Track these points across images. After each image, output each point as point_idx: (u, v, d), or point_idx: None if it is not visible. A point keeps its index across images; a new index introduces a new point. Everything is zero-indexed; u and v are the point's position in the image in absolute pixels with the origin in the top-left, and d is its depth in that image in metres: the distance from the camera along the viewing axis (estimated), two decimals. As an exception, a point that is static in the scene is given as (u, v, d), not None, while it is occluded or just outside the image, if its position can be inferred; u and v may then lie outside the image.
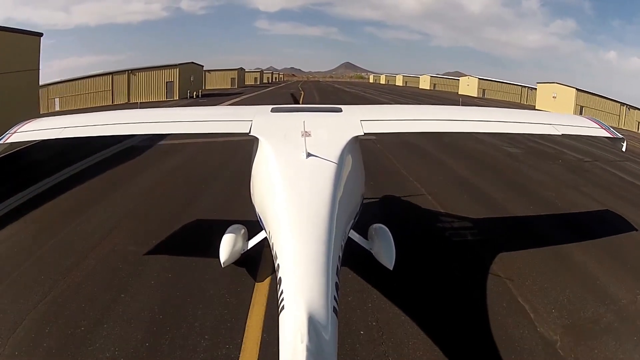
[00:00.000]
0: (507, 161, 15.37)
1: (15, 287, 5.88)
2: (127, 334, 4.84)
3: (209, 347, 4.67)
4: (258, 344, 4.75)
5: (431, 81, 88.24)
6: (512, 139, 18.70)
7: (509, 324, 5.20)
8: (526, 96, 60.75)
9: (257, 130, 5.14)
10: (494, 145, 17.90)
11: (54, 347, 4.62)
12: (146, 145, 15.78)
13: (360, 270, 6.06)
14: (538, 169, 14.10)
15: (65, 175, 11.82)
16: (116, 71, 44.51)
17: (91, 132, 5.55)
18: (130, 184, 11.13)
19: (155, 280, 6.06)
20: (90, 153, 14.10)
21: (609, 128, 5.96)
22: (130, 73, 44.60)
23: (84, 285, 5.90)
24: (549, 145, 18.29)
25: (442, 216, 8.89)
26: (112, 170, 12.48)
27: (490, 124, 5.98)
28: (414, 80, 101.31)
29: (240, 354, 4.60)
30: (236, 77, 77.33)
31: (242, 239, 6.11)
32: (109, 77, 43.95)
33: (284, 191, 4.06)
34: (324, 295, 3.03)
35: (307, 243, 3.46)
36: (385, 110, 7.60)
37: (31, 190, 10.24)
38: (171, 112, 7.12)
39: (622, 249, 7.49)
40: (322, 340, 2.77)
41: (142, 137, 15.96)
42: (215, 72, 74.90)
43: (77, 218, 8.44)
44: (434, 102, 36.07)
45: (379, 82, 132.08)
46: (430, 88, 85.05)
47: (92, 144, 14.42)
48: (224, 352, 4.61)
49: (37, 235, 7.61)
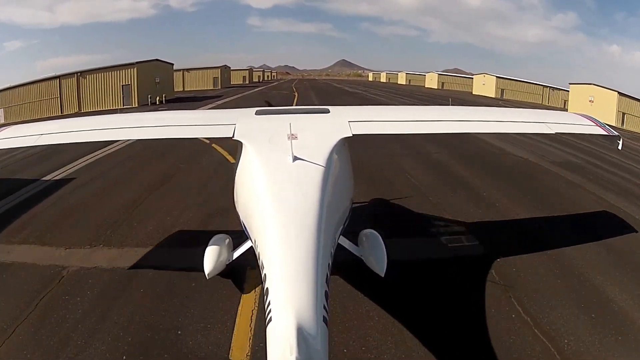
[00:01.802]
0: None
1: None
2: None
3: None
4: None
5: (439, 80, 79.60)
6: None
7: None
8: (547, 97, 53.75)
9: (241, 133, 5.02)
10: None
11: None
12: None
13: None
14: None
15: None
16: (64, 74, 35.90)
17: (69, 138, 5.39)
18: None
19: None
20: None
21: (605, 125, 5.90)
22: (80, 76, 35.92)
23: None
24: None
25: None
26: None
27: (481, 124, 5.95)
28: (419, 79, 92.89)
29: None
30: (219, 77, 68.28)
31: (227, 249, 5.89)
32: (56, 81, 35.43)
33: (269, 197, 3.92)
34: (313, 304, 2.93)
35: (294, 251, 3.34)
36: (373, 111, 7.44)
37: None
38: (152, 116, 7.34)
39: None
40: (313, 351, 2.68)
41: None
42: (194, 72, 66.00)
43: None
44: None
45: (379, 80, 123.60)
46: (438, 87, 76.69)
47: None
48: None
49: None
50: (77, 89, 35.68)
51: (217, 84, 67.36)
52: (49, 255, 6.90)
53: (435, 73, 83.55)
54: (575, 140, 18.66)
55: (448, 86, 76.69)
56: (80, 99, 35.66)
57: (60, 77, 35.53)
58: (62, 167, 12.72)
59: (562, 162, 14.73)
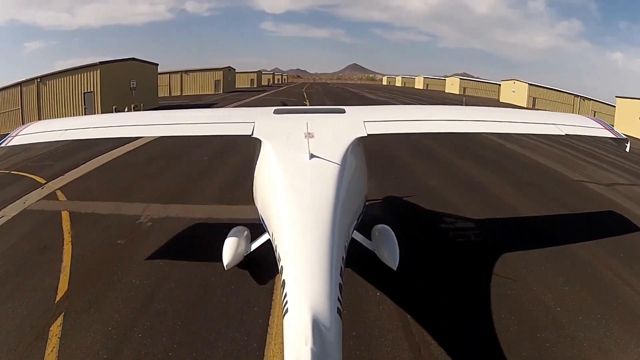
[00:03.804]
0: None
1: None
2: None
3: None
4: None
5: (461, 85, 72.47)
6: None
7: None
8: (578, 107, 47.54)
9: (260, 132, 5.12)
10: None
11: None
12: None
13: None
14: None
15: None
16: (25, 80, 30.20)
17: (92, 134, 5.53)
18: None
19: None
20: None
21: (612, 128, 5.93)
22: (40, 82, 30.15)
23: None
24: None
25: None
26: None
27: (494, 124, 5.96)
28: (438, 83, 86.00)
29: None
30: (221, 80, 62.29)
31: (245, 241, 6.13)
32: (17, 89, 29.81)
33: (286, 193, 4.03)
34: (327, 297, 3.03)
35: (310, 245, 3.45)
36: (388, 111, 7.56)
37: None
38: (173, 114, 7.13)
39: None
40: (327, 342, 2.77)
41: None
42: (193, 74, 60.13)
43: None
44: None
45: (394, 84, 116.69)
46: (460, 93, 69.79)
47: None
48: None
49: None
50: (37, 97, 30.01)
51: (218, 87, 61.45)
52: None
53: (457, 77, 76.52)
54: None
55: (470, 92, 69.70)
56: (39, 109, 29.95)
57: (21, 83, 29.93)
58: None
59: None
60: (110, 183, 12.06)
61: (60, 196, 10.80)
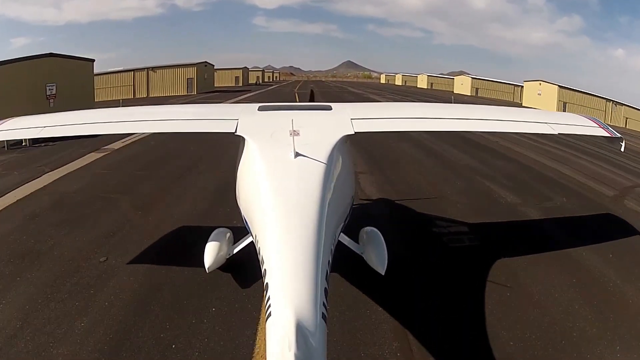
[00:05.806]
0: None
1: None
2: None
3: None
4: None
5: (472, 85, 63.86)
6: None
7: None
8: (610, 113, 41.48)
9: (243, 129, 5.04)
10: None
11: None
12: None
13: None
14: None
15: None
16: None
17: (71, 131, 5.44)
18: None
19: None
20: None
21: (608, 127, 5.82)
22: None
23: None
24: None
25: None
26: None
27: (484, 123, 5.88)
28: (443, 82, 77.52)
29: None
30: (194, 77, 53.07)
31: (227, 243, 5.99)
32: None
33: (271, 193, 3.92)
34: (312, 301, 2.93)
35: (295, 247, 3.34)
36: (376, 108, 7.49)
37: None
38: (154, 110, 7.17)
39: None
40: (311, 348, 2.68)
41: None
42: (161, 71, 50.92)
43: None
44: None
45: (393, 83, 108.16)
46: (471, 94, 61.26)
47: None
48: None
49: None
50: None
51: (191, 87, 52.33)
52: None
53: (467, 77, 67.74)
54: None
55: (483, 93, 61.16)
56: None
57: None
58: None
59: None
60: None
61: None
